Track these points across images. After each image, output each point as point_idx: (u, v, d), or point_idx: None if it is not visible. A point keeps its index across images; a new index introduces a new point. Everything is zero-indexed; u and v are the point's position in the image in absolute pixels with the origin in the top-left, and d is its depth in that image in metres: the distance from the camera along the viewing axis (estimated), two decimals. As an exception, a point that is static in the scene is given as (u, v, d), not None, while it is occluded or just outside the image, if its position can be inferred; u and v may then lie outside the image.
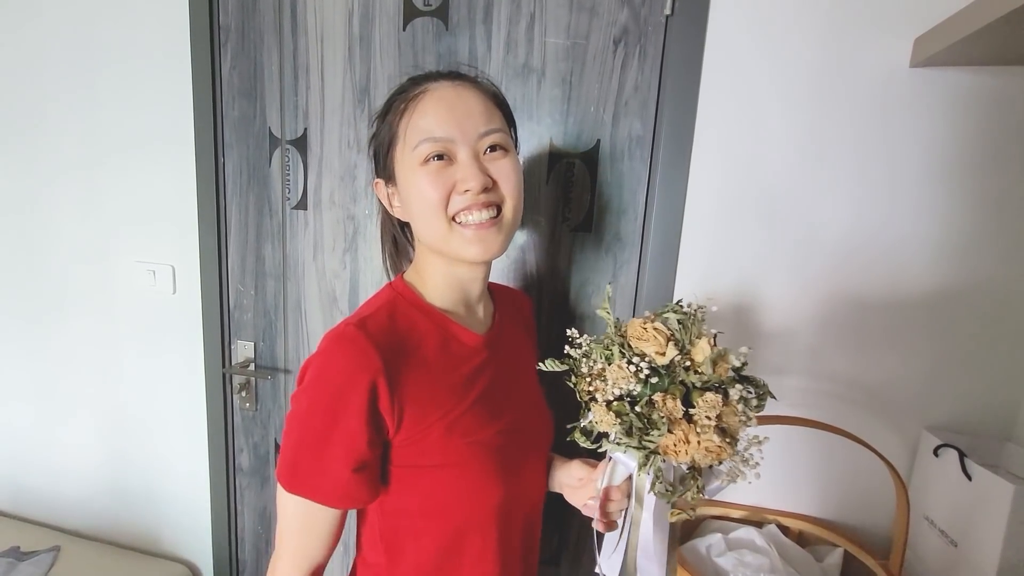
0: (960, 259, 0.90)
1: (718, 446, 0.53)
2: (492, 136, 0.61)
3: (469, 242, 0.61)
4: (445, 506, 0.63)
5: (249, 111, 1.16)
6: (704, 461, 0.54)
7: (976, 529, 0.80)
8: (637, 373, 0.55)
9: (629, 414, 0.55)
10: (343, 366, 0.57)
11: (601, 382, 0.58)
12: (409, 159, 0.61)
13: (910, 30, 0.85)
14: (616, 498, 0.67)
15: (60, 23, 1.23)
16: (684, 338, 0.57)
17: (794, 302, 0.97)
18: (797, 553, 0.94)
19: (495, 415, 0.66)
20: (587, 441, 0.63)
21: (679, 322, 0.58)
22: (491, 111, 0.63)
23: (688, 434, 0.54)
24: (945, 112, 0.87)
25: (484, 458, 0.63)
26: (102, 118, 1.24)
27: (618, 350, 0.58)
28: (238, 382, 1.28)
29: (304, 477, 0.58)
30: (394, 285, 0.68)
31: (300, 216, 1.17)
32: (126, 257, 1.29)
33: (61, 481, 1.47)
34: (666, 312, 0.60)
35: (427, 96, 0.61)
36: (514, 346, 0.76)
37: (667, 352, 0.56)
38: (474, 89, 0.63)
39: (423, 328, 0.64)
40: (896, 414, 0.96)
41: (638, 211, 1.02)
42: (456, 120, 0.60)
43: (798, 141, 0.92)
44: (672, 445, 0.54)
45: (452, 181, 0.60)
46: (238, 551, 1.38)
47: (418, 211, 0.62)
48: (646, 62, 0.97)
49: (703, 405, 0.53)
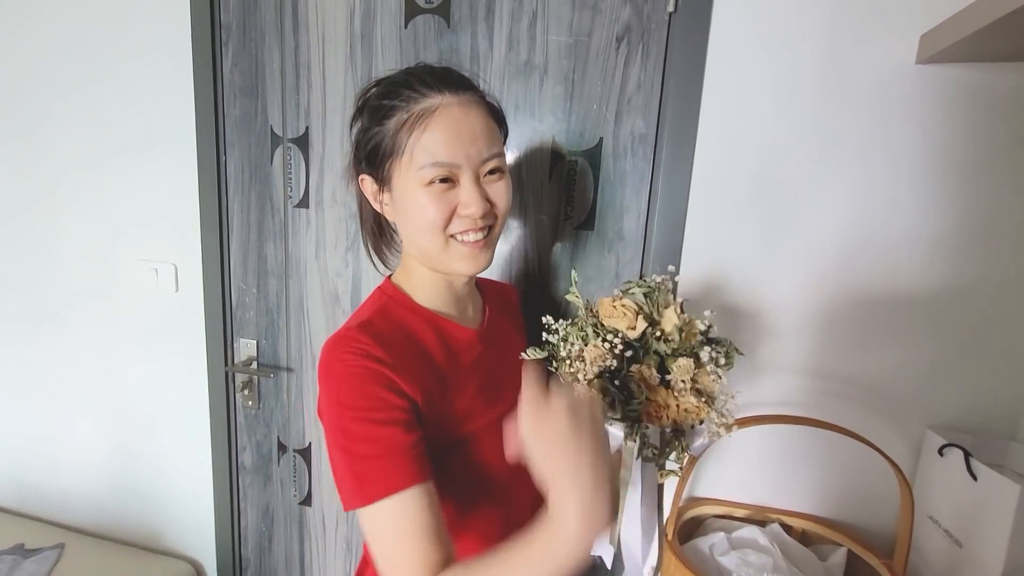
0: (966, 255, 0.89)
1: (696, 406, 0.57)
2: (493, 161, 0.64)
3: (463, 258, 0.64)
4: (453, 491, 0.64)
5: (251, 109, 1.16)
6: (686, 421, 0.58)
7: (982, 529, 0.80)
8: (612, 349, 0.58)
9: (611, 388, 0.57)
10: (348, 359, 0.58)
11: (581, 363, 0.60)
12: (413, 176, 0.62)
13: (916, 26, 0.84)
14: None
15: (60, 21, 1.23)
16: (652, 310, 0.61)
17: (798, 300, 0.96)
18: (800, 552, 0.94)
19: (494, 403, 0.69)
20: None
21: (645, 295, 0.62)
22: (493, 133, 0.65)
23: (667, 399, 0.57)
24: (952, 109, 0.86)
25: (491, 437, 0.65)
26: (104, 118, 1.24)
27: (592, 330, 0.60)
28: (241, 380, 1.28)
29: (374, 478, 0.54)
30: (383, 289, 0.70)
31: (302, 214, 1.17)
32: (129, 256, 1.29)
33: (65, 478, 1.48)
34: (631, 288, 0.63)
35: (436, 116, 0.61)
36: (505, 337, 0.79)
37: (637, 326, 0.59)
38: (478, 108, 0.64)
39: (418, 328, 0.67)
40: (899, 413, 0.96)
41: (641, 209, 1.02)
42: (463, 145, 0.61)
43: (802, 139, 0.91)
44: (654, 411, 0.57)
45: (454, 204, 0.62)
46: (241, 549, 1.39)
47: (416, 226, 0.64)
48: (649, 60, 0.97)
49: (677, 371, 0.57)
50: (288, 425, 1.28)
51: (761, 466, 1.03)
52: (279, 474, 1.31)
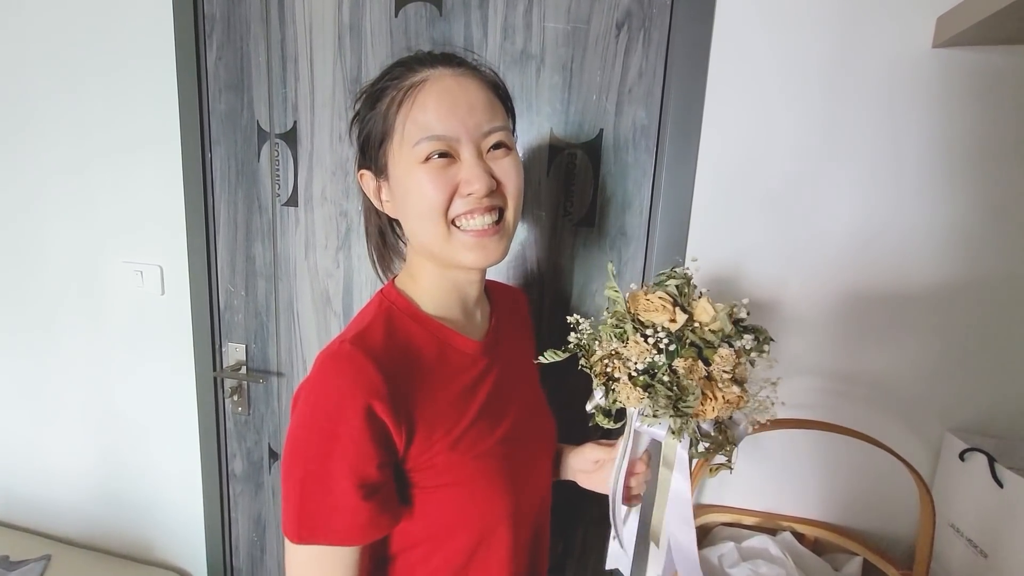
0: (984, 248, 0.85)
1: (738, 396, 0.56)
2: (496, 134, 0.57)
3: (469, 248, 0.57)
4: (453, 526, 0.59)
5: (236, 104, 1.11)
6: (725, 413, 0.56)
7: (1009, 538, 0.76)
8: (657, 344, 0.56)
9: (657, 385, 0.56)
10: (340, 386, 0.52)
11: (618, 360, 0.58)
12: (407, 156, 0.56)
13: (933, 7, 0.80)
14: (640, 471, 0.68)
15: (39, 12, 1.18)
16: (685, 302, 0.59)
17: (808, 298, 0.92)
18: (814, 562, 0.90)
19: (497, 422, 0.62)
20: (608, 421, 0.62)
21: (677, 287, 0.60)
22: (494, 104, 0.58)
23: (713, 390, 0.56)
24: (970, 95, 0.82)
25: (491, 472, 0.60)
26: (86, 117, 1.19)
27: (631, 326, 0.58)
28: (230, 386, 1.24)
29: (316, 522, 0.52)
30: (386, 293, 0.64)
31: (291, 213, 1.13)
32: (113, 258, 1.25)
33: (51, 487, 1.44)
34: (665, 280, 0.60)
35: (427, 87, 0.56)
36: (513, 348, 0.72)
37: (677, 318, 0.57)
38: (476, 79, 0.58)
39: (420, 340, 0.60)
40: (916, 415, 0.91)
41: (643, 204, 0.97)
42: (459, 116, 0.55)
43: (812, 128, 0.87)
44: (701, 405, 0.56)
45: (455, 182, 0.55)
46: (232, 558, 1.35)
47: (415, 212, 0.57)
48: (651, 47, 0.92)
49: (720, 361, 0.56)
50: (279, 431, 1.23)
51: (771, 471, 0.98)
52: (270, 482, 1.26)
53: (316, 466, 0.52)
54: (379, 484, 0.53)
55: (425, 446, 0.56)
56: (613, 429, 0.62)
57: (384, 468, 0.53)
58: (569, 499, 1.08)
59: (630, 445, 0.64)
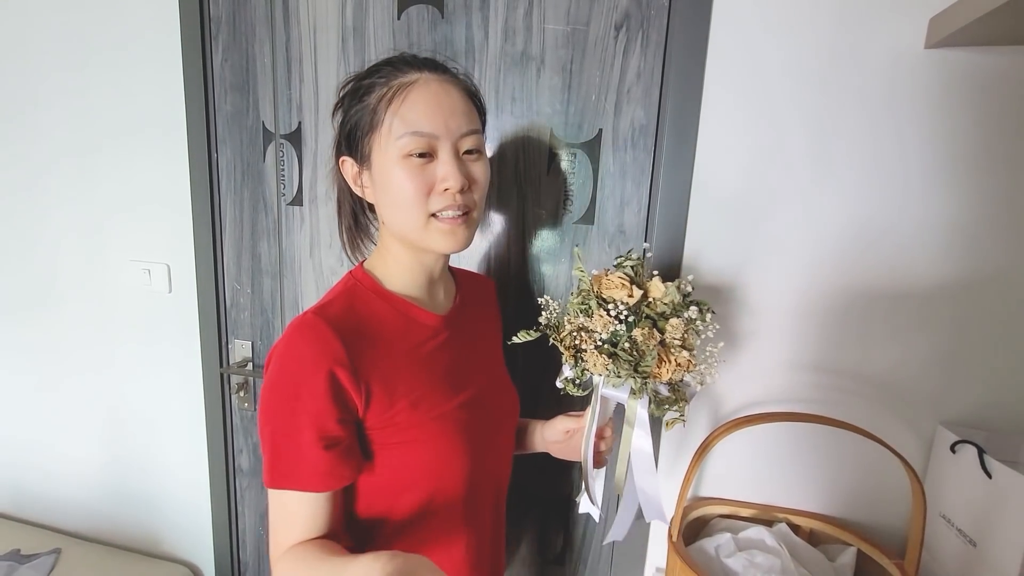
0: (978, 247, 0.86)
1: (688, 360, 0.65)
2: (471, 138, 0.64)
3: (443, 235, 0.65)
4: (414, 481, 0.66)
5: (242, 105, 1.13)
6: (677, 375, 0.66)
7: (997, 528, 0.77)
8: (617, 316, 0.65)
9: (619, 352, 0.65)
10: (304, 351, 0.59)
11: (586, 333, 0.66)
12: (391, 148, 0.62)
13: (925, 9, 0.82)
14: (607, 435, 0.78)
15: (47, 12, 1.20)
16: (640, 280, 0.69)
17: (806, 294, 0.93)
18: (809, 553, 0.92)
19: (458, 390, 0.69)
20: (577, 389, 0.71)
21: (632, 268, 0.69)
22: (471, 111, 0.66)
23: (666, 355, 0.65)
24: (963, 95, 0.83)
25: (450, 432, 0.66)
26: (92, 116, 1.21)
27: (595, 302, 0.67)
28: (236, 382, 1.26)
29: (284, 469, 0.60)
30: (354, 273, 0.71)
31: (296, 212, 1.15)
32: (120, 256, 1.27)
33: (60, 483, 1.46)
34: (623, 263, 0.70)
35: (417, 87, 0.62)
36: (475, 326, 0.79)
37: (634, 293, 0.66)
38: (458, 86, 0.66)
39: (383, 313, 0.67)
40: (910, 408, 0.93)
41: (642, 203, 0.99)
42: (443, 117, 0.62)
43: (808, 128, 0.89)
44: (657, 367, 0.65)
45: (432, 178, 0.62)
46: (239, 552, 1.37)
47: (395, 202, 0.64)
48: (649, 48, 0.94)
49: (671, 330, 0.65)
50: (285, 427, 1.25)
51: (767, 464, 1.00)
52: (276, 476, 1.28)
53: (282, 422, 0.59)
54: (339, 438, 0.60)
55: (386, 405, 0.62)
56: (582, 396, 0.72)
57: (344, 424, 0.61)
58: (570, 496, 1.10)
59: (598, 410, 0.72)
